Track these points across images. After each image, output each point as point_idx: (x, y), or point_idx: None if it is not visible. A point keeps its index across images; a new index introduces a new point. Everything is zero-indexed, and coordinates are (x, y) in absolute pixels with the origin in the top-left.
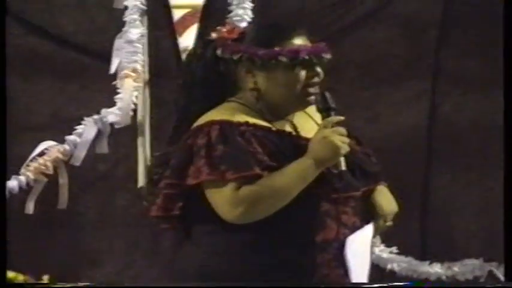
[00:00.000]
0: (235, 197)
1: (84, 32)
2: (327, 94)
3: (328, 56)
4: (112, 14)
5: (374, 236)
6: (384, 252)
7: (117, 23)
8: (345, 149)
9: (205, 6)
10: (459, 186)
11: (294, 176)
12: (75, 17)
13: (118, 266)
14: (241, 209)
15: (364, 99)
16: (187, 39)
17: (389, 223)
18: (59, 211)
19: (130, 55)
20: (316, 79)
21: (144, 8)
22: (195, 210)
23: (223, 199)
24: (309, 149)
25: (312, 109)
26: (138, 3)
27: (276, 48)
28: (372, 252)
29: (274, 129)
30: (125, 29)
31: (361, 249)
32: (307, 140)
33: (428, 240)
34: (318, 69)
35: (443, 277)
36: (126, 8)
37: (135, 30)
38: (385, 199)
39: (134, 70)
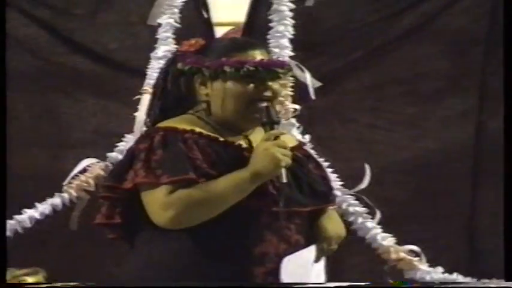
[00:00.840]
0: (166, 200)
1: (126, 49)
2: (271, 108)
3: (282, 70)
4: (153, 31)
5: (317, 260)
6: (430, 272)
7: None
8: (285, 161)
9: (247, 23)
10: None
11: (229, 185)
12: (117, 34)
13: None
14: (171, 212)
15: (409, 116)
16: None
17: (333, 247)
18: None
19: (155, 72)
20: (267, 93)
21: (178, 25)
22: (134, 217)
23: (155, 202)
24: (250, 161)
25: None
26: (171, 20)
27: (223, 59)
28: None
29: (221, 139)
30: (156, 45)
31: (298, 270)
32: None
33: (478, 255)
34: (269, 83)
35: None
36: (159, 25)
37: (164, 48)
38: (332, 222)
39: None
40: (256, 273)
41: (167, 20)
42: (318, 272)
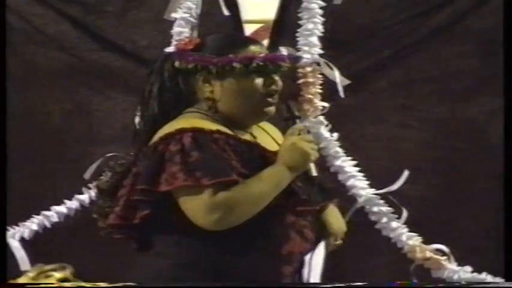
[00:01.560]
0: (212, 203)
1: (156, 46)
2: (291, 102)
3: (286, 64)
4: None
5: (325, 256)
6: (458, 271)
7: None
8: (314, 155)
9: (276, 21)
10: None
11: (269, 182)
12: (148, 31)
13: None
14: (217, 215)
15: (439, 114)
16: None
17: (338, 242)
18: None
19: None
20: (273, 87)
21: (194, 21)
22: (160, 219)
23: (199, 205)
24: (279, 157)
25: (268, 126)
26: (187, 15)
27: (230, 55)
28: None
29: (242, 139)
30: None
31: (316, 268)
32: (270, 152)
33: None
34: (276, 77)
35: None
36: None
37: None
38: (335, 217)
39: None
40: (286, 273)
41: (182, 14)
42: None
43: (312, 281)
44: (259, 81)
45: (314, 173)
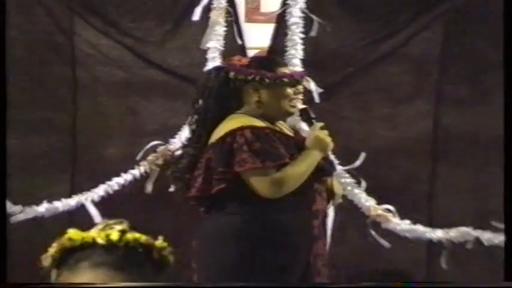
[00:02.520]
0: (274, 180)
1: (185, 66)
2: (309, 109)
3: (305, 79)
4: (203, 52)
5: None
6: (400, 224)
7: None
8: (331, 143)
9: (270, 48)
10: (459, 176)
11: (308, 163)
12: (179, 55)
13: None
14: (277, 188)
15: (386, 113)
16: None
17: (339, 201)
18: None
19: None
20: (299, 95)
21: (222, 49)
22: (230, 191)
23: (265, 182)
24: (309, 146)
25: (283, 122)
26: (217, 45)
27: (279, 72)
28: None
29: (280, 131)
30: (207, 63)
31: (330, 221)
32: (292, 137)
33: (433, 213)
34: (300, 87)
35: (443, 240)
36: (208, 48)
37: (212, 64)
38: (337, 185)
39: None
40: (315, 224)
41: (214, 44)
42: None
43: (328, 228)
44: (290, 90)
45: (330, 155)
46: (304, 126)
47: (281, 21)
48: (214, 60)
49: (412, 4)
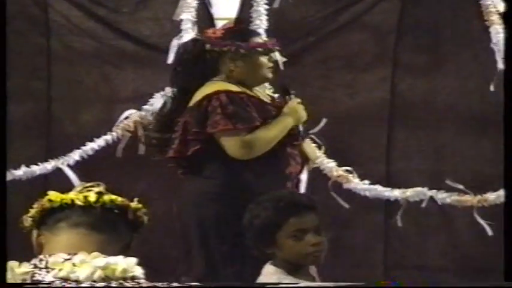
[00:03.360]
0: (244, 141)
1: (155, 35)
2: (287, 84)
3: (277, 48)
4: (173, 23)
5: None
6: (360, 184)
7: (178, 30)
8: (305, 116)
9: (237, 18)
10: (415, 139)
11: (280, 128)
12: (150, 26)
13: None
14: (247, 149)
15: (347, 81)
16: None
17: (313, 165)
18: (139, 155)
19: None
20: (272, 62)
21: (195, 19)
22: (205, 152)
23: (235, 143)
24: (286, 112)
25: (259, 89)
26: (189, 16)
27: (253, 43)
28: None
29: (256, 96)
30: (181, 34)
31: (303, 181)
32: (267, 103)
33: (391, 174)
34: (273, 55)
35: (399, 198)
36: (181, 20)
37: (187, 35)
38: (310, 148)
39: None
40: (288, 186)
41: (186, 16)
42: None
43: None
44: (264, 58)
45: (301, 128)
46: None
47: None
48: (187, 31)
49: None
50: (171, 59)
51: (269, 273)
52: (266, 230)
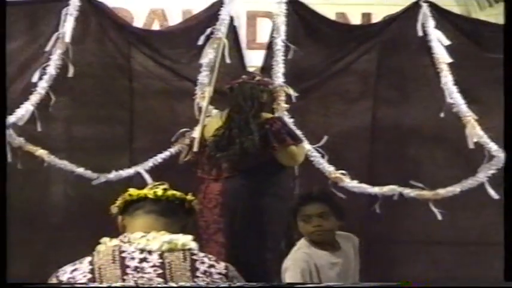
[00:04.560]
0: (302, 151)
1: (206, 78)
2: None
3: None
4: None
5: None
6: (351, 183)
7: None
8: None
9: (262, 66)
10: (388, 152)
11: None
12: (196, 71)
13: None
14: (299, 158)
15: (341, 110)
16: None
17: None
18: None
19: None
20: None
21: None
22: (266, 162)
23: (297, 152)
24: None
25: None
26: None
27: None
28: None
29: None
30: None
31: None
32: None
33: (372, 176)
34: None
35: (378, 194)
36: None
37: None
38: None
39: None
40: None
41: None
42: None
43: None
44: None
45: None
46: (286, 118)
47: (269, 48)
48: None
49: (357, 36)
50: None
51: (301, 243)
52: (291, 214)
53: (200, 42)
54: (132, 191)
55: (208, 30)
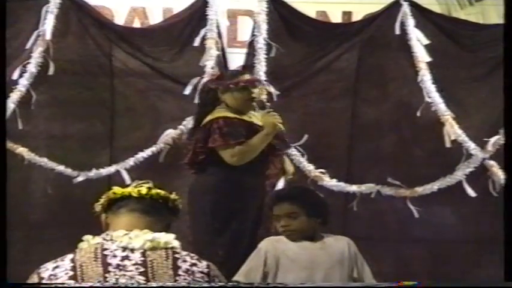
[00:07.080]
0: (234, 152)
1: (186, 76)
2: (264, 99)
3: (259, 84)
4: (199, 67)
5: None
6: (330, 181)
7: (202, 73)
8: (277, 122)
9: (244, 65)
10: (366, 150)
11: (260, 139)
12: (183, 69)
13: None
14: (237, 157)
15: (321, 108)
16: None
17: (290, 176)
18: (176, 161)
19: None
20: (252, 95)
21: (214, 66)
22: (210, 160)
23: (228, 153)
24: (264, 127)
25: (254, 112)
26: (212, 63)
27: (235, 80)
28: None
29: (245, 120)
30: (203, 76)
31: (280, 185)
32: (258, 125)
33: (350, 174)
34: (254, 92)
35: (356, 191)
36: (205, 65)
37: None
38: (287, 162)
39: None
40: (266, 184)
41: (210, 63)
42: None
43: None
44: (248, 92)
45: (283, 134)
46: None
47: (251, 46)
48: (208, 74)
49: (337, 35)
50: (188, 91)
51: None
52: (266, 214)
53: (196, 43)
54: (116, 189)
55: (203, 32)
